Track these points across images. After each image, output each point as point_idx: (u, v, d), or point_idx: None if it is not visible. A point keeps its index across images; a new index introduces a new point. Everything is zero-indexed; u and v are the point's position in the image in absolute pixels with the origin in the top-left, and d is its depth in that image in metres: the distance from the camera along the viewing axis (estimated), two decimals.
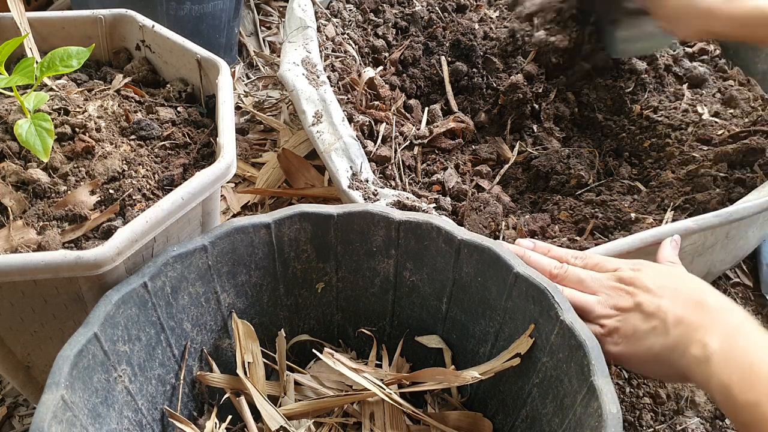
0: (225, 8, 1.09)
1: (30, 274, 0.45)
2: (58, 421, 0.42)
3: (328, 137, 0.74)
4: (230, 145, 0.55)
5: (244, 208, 0.95)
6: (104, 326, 0.47)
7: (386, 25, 1.07)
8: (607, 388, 0.45)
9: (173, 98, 0.68)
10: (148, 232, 0.49)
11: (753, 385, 0.42)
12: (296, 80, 0.80)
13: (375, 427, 0.58)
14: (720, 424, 0.69)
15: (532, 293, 0.52)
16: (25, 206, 0.53)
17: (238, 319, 0.59)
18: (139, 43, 0.72)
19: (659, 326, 0.49)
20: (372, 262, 0.60)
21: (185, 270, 0.54)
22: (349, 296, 0.63)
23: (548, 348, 0.51)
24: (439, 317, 0.61)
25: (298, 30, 0.90)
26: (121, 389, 0.50)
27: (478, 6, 1.10)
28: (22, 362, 0.58)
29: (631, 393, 0.71)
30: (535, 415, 0.53)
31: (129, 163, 0.57)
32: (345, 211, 0.58)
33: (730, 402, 0.43)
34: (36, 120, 0.52)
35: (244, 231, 0.56)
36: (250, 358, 0.58)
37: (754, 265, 0.89)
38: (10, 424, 0.69)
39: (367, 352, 0.65)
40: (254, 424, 0.56)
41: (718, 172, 0.78)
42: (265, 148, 1.05)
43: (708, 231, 0.65)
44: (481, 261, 0.55)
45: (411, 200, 0.67)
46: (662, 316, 0.49)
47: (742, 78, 0.98)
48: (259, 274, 0.59)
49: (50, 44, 0.68)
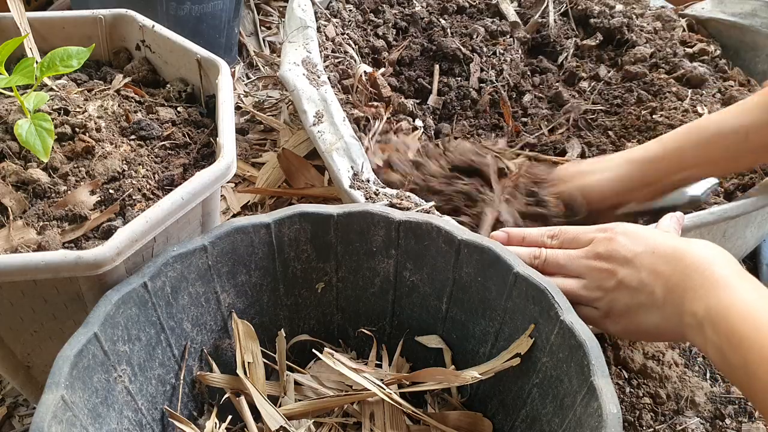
0: (225, 8, 1.09)
1: (30, 274, 0.45)
2: (58, 421, 0.42)
3: (329, 137, 0.74)
4: (230, 145, 0.55)
5: (244, 208, 0.95)
6: (104, 326, 0.47)
7: (386, 25, 1.07)
8: (607, 388, 0.45)
9: (173, 98, 0.68)
10: (148, 232, 0.49)
11: (738, 347, 0.42)
12: (297, 80, 0.80)
13: (375, 427, 0.58)
14: (720, 424, 0.69)
15: (532, 293, 0.52)
16: (25, 206, 0.53)
17: (238, 319, 0.59)
18: (139, 43, 0.72)
19: (649, 301, 0.49)
20: (372, 262, 0.60)
21: (185, 270, 0.54)
22: (349, 296, 0.63)
23: (548, 348, 0.51)
24: (439, 317, 0.61)
25: (298, 30, 0.90)
26: (121, 389, 0.50)
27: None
28: (22, 362, 0.58)
29: (631, 393, 0.71)
30: (535, 415, 0.53)
31: (129, 163, 0.57)
32: (345, 211, 0.58)
33: (726, 364, 0.43)
34: (36, 120, 0.52)
35: (244, 231, 0.56)
36: (250, 358, 0.58)
37: (755, 265, 0.89)
38: (10, 424, 0.69)
39: (367, 352, 0.65)
40: (254, 424, 0.56)
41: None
42: (265, 148, 1.05)
43: (704, 229, 0.65)
44: (481, 261, 0.55)
45: (412, 200, 0.67)
46: (648, 290, 0.49)
47: (742, 78, 0.98)
48: (259, 274, 0.59)
49: (50, 44, 0.68)
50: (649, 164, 0.67)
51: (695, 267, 0.47)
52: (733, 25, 1.05)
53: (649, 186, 0.68)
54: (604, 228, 0.54)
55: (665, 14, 1.13)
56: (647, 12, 1.13)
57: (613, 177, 0.69)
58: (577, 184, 0.71)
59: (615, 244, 0.52)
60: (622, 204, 0.71)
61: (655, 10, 1.14)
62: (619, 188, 0.69)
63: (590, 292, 0.53)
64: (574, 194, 0.71)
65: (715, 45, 1.06)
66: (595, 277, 0.52)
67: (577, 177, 0.72)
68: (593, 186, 0.70)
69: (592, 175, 0.71)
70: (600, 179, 0.70)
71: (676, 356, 0.75)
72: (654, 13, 1.13)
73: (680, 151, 0.66)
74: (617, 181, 0.69)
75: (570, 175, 0.73)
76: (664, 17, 1.12)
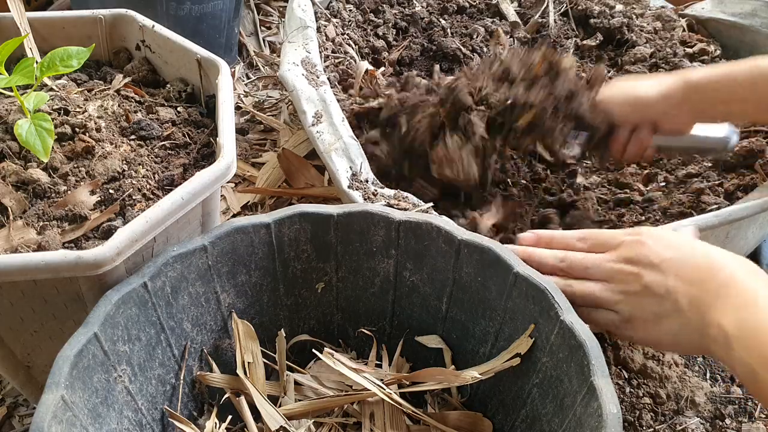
0: (225, 8, 1.09)
1: (30, 274, 0.45)
2: (58, 421, 0.42)
3: (328, 137, 0.74)
4: (230, 145, 0.55)
5: (244, 208, 0.95)
6: (104, 326, 0.47)
7: (386, 25, 1.07)
8: (607, 388, 0.45)
9: (173, 98, 0.68)
10: (148, 232, 0.49)
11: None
12: (296, 80, 0.80)
13: (375, 427, 0.58)
14: (720, 425, 0.69)
15: (532, 293, 0.52)
16: (25, 206, 0.53)
17: (238, 319, 0.59)
18: (139, 43, 0.72)
19: (672, 309, 0.48)
20: (372, 262, 0.60)
21: (185, 270, 0.54)
22: (349, 296, 0.63)
23: (548, 348, 0.51)
24: (439, 317, 0.61)
25: (298, 30, 0.91)
26: (121, 389, 0.50)
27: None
28: (22, 362, 0.58)
29: (631, 393, 0.71)
30: (535, 415, 0.53)
31: (129, 163, 0.57)
32: (345, 211, 0.58)
33: (757, 381, 0.42)
34: (36, 120, 0.52)
35: (244, 231, 0.56)
36: (250, 358, 0.58)
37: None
38: (10, 424, 0.69)
39: (367, 352, 0.65)
40: (254, 424, 0.56)
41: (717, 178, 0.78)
42: (265, 148, 1.05)
43: (708, 231, 0.65)
44: (481, 261, 0.55)
45: (410, 201, 0.67)
46: (673, 298, 0.48)
47: None
48: (259, 274, 0.59)
49: (50, 44, 0.68)
50: (702, 89, 0.67)
51: (727, 280, 0.46)
52: (733, 25, 1.05)
53: (692, 111, 0.69)
54: (633, 232, 0.53)
55: (665, 14, 1.13)
56: (647, 12, 1.13)
57: (663, 92, 0.69)
58: (623, 91, 0.71)
59: (644, 248, 0.51)
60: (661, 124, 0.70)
61: (655, 10, 1.14)
62: (664, 104, 0.69)
63: (613, 295, 0.51)
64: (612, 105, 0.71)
65: (715, 45, 1.06)
66: (620, 279, 0.51)
67: (626, 88, 0.72)
68: (639, 94, 0.70)
69: (642, 86, 0.70)
70: (648, 89, 0.69)
71: (676, 356, 0.75)
72: (654, 13, 1.13)
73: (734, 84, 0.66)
74: (665, 96, 0.68)
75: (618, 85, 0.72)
76: (664, 17, 1.12)
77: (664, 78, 0.70)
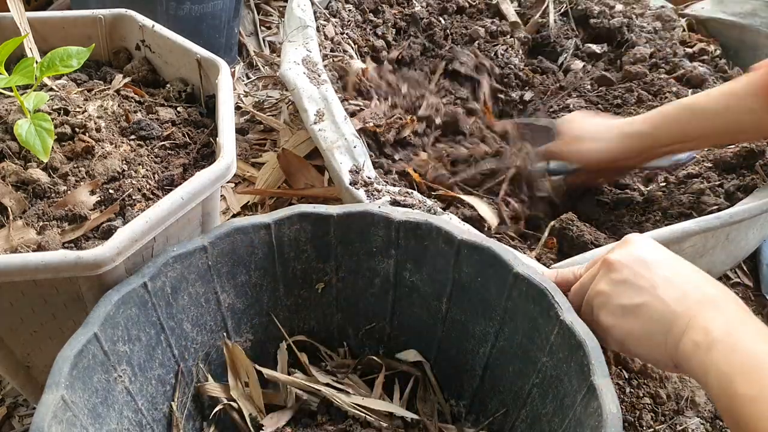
0: (225, 8, 1.09)
1: (30, 274, 0.45)
2: (58, 421, 0.42)
3: (331, 135, 0.74)
4: (230, 145, 0.55)
5: (244, 208, 0.95)
6: (104, 326, 0.47)
7: (385, 25, 1.07)
8: (607, 388, 0.45)
9: (173, 98, 0.68)
10: (148, 232, 0.49)
11: (756, 379, 0.40)
12: (297, 79, 0.80)
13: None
14: (720, 424, 0.69)
15: (532, 293, 0.52)
16: (25, 206, 0.53)
17: (229, 343, 0.59)
18: (139, 43, 0.72)
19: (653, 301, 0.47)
20: (372, 262, 0.60)
21: (185, 270, 0.54)
22: (349, 296, 0.63)
23: (548, 348, 0.51)
24: (439, 317, 0.61)
25: (297, 29, 0.90)
26: (121, 389, 0.50)
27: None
28: (22, 362, 0.58)
29: (631, 393, 0.71)
30: (535, 414, 0.53)
31: (129, 163, 0.57)
32: (345, 212, 0.58)
33: (729, 393, 0.41)
34: (36, 120, 0.52)
35: (244, 231, 0.56)
36: (246, 378, 0.58)
37: (755, 265, 0.89)
38: (10, 424, 0.69)
39: (367, 351, 0.65)
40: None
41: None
42: (265, 148, 1.05)
43: (709, 233, 0.65)
44: (481, 261, 0.55)
45: (415, 197, 0.67)
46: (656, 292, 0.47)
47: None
48: (258, 274, 0.59)
49: (50, 44, 0.68)
50: (640, 138, 0.76)
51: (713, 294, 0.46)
52: (733, 25, 1.05)
53: (640, 155, 0.78)
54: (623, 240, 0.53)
55: (665, 14, 1.13)
56: (647, 12, 1.13)
57: (609, 148, 0.78)
58: (574, 148, 0.82)
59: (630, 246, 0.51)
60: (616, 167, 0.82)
61: (655, 10, 1.14)
62: (612, 157, 0.79)
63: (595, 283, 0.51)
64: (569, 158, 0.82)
65: (715, 45, 1.06)
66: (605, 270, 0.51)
67: (575, 142, 0.82)
68: (591, 154, 0.80)
69: (591, 143, 0.80)
70: (598, 148, 0.79)
71: None
72: (654, 13, 1.13)
73: (668, 128, 0.75)
74: (611, 151, 0.78)
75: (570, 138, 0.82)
76: (664, 17, 1.12)
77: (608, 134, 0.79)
